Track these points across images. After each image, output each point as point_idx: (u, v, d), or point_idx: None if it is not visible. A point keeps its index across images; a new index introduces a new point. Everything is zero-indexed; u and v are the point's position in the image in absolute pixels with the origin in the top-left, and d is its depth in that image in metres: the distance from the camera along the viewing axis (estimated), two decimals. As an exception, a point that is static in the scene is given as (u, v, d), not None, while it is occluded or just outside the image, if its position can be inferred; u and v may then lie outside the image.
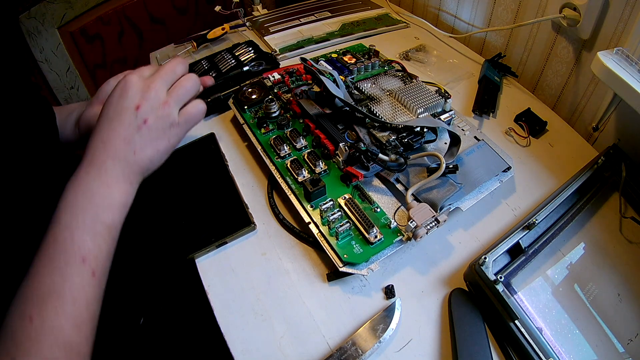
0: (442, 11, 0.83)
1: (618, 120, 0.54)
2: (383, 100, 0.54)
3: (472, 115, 0.60)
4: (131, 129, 0.36)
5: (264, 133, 0.52)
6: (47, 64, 0.95)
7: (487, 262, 0.38)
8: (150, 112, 0.37)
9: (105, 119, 0.36)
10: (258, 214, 0.48)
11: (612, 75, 0.45)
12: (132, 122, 0.36)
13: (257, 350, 0.37)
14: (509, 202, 0.50)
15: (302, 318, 0.39)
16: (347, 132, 0.50)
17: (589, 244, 0.45)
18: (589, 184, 0.48)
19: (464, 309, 0.39)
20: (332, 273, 0.42)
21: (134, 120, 0.36)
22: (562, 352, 0.36)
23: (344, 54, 0.69)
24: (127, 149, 0.36)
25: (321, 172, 0.47)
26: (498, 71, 0.67)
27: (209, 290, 0.41)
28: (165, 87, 0.38)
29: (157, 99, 0.37)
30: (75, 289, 0.30)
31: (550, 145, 0.57)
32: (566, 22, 0.56)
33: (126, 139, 0.36)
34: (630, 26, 0.48)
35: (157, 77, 0.38)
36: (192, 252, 0.43)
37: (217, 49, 0.76)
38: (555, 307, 0.40)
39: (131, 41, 1.07)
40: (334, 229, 0.41)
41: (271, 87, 0.59)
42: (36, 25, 0.90)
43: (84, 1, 0.96)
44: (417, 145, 0.48)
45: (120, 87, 0.37)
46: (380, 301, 0.40)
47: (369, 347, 0.36)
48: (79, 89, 1.04)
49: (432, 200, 0.44)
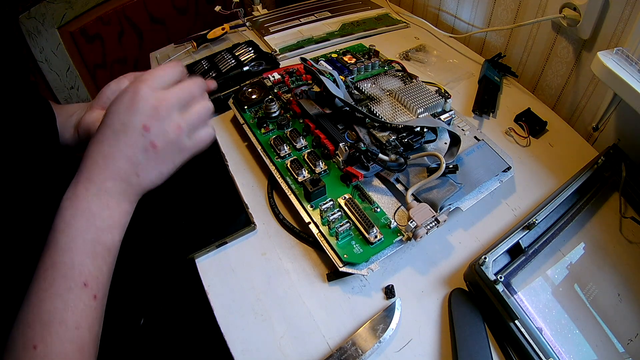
0: (442, 11, 0.83)
1: (618, 120, 0.54)
2: (383, 100, 0.54)
3: (472, 115, 0.60)
4: (137, 149, 0.33)
5: (264, 133, 0.52)
6: (47, 64, 0.95)
7: (487, 262, 0.38)
8: (160, 135, 0.33)
9: (109, 130, 0.33)
10: (258, 214, 0.48)
11: (612, 75, 0.45)
12: (138, 143, 0.33)
13: (257, 350, 0.37)
14: (509, 202, 0.50)
15: (302, 318, 0.39)
16: (347, 132, 0.50)
17: (589, 244, 0.45)
18: (589, 184, 0.48)
19: (464, 309, 0.39)
20: (332, 273, 0.42)
21: (140, 140, 0.33)
22: (562, 352, 0.36)
23: (344, 54, 0.69)
24: (130, 170, 0.33)
25: (321, 172, 0.47)
26: (498, 71, 0.67)
27: (209, 290, 0.41)
28: (179, 109, 0.34)
29: (170, 122, 0.34)
30: (77, 314, 0.29)
31: (550, 145, 0.57)
32: (566, 22, 0.56)
33: (130, 160, 0.33)
34: (630, 26, 0.48)
35: (173, 96, 0.34)
36: (192, 252, 0.43)
37: (217, 49, 0.76)
38: (555, 307, 0.40)
39: (131, 41, 1.07)
40: (334, 229, 0.41)
41: (271, 87, 0.59)
42: (36, 25, 0.90)
43: (84, 1, 0.96)
44: (417, 145, 0.48)
45: (129, 98, 0.33)
46: (380, 301, 0.40)
47: (369, 347, 0.36)
48: (79, 89, 1.04)
49: (432, 200, 0.44)
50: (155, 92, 0.33)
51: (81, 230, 0.31)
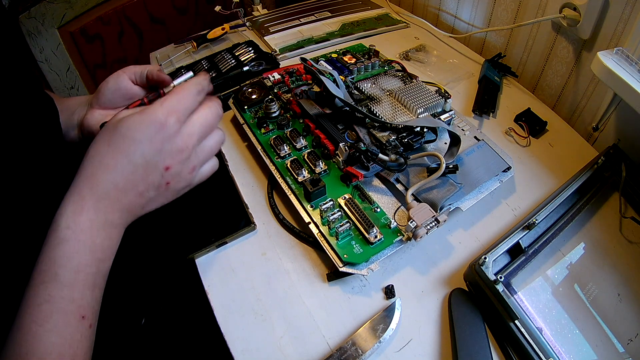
0: (442, 11, 0.83)
1: (618, 120, 0.54)
2: (383, 100, 0.54)
3: (472, 115, 0.60)
4: (151, 187, 0.32)
5: (264, 133, 0.52)
6: (47, 64, 0.95)
7: (487, 262, 0.38)
8: (176, 175, 0.32)
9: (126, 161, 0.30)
10: (258, 214, 0.48)
11: (612, 75, 0.45)
12: (155, 181, 0.32)
13: (257, 350, 0.37)
14: (509, 202, 0.50)
15: (302, 318, 0.39)
16: (347, 132, 0.50)
17: (589, 244, 0.45)
18: (589, 184, 0.48)
19: (464, 309, 0.39)
20: (332, 273, 0.42)
21: (158, 179, 0.32)
22: (562, 352, 0.36)
23: (344, 54, 0.69)
24: (139, 204, 0.32)
25: (321, 172, 0.47)
26: (498, 71, 0.67)
27: (209, 290, 0.41)
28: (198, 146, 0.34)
29: (188, 164, 0.33)
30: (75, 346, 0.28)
31: (550, 145, 0.57)
32: (566, 22, 0.56)
33: (142, 195, 0.32)
34: (630, 26, 0.48)
35: (196, 134, 0.33)
36: (192, 252, 0.43)
37: (217, 49, 0.76)
38: (555, 307, 0.40)
39: (131, 41, 1.07)
40: (334, 229, 0.41)
41: (271, 87, 0.59)
42: (36, 25, 0.90)
43: (84, 1, 0.96)
44: (417, 145, 0.48)
45: (155, 131, 0.30)
46: (380, 301, 0.40)
47: (369, 347, 0.36)
48: (79, 89, 1.04)
49: (432, 200, 0.44)
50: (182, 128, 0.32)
51: (84, 265, 0.29)
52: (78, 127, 0.45)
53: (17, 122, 0.38)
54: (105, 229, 0.31)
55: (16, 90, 0.40)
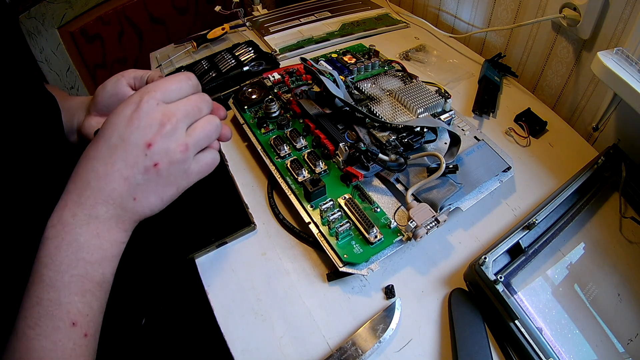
0: (442, 11, 0.83)
1: (618, 120, 0.54)
2: (383, 100, 0.54)
3: (472, 115, 0.60)
4: (136, 169, 0.29)
5: (264, 133, 0.52)
6: (47, 64, 0.95)
7: (487, 262, 0.38)
8: (163, 154, 0.30)
9: (105, 145, 0.29)
10: (258, 214, 0.48)
11: (612, 75, 0.45)
12: (138, 162, 0.29)
13: (257, 350, 0.37)
14: (509, 202, 0.50)
15: (302, 318, 0.39)
16: (347, 132, 0.50)
17: (589, 244, 0.45)
18: (589, 184, 0.48)
19: (464, 309, 0.39)
20: (332, 273, 0.42)
21: (141, 159, 0.29)
22: (562, 352, 0.36)
23: (344, 54, 0.69)
24: (127, 193, 0.30)
25: (321, 172, 0.47)
26: (498, 71, 0.67)
27: (209, 290, 0.41)
28: (186, 126, 0.31)
29: (175, 140, 0.30)
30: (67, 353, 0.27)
31: (550, 145, 0.57)
32: (566, 22, 0.56)
33: (128, 180, 0.29)
34: (630, 26, 0.48)
35: (180, 111, 0.30)
36: (192, 252, 0.43)
37: (217, 49, 0.76)
38: (555, 307, 0.40)
39: (131, 41, 1.07)
40: (334, 229, 0.41)
41: (271, 87, 0.59)
42: (36, 25, 0.90)
43: (84, 1, 0.96)
44: (417, 145, 0.48)
45: (132, 110, 0.29)
46: (380, 301, 0.40)
47: (369, 347, 0.36)
48: (79, 89, 1.04)
49: (432, 200, 0.44)
50: (161, 105, 0.30)
51: (67, 265, 0.27)
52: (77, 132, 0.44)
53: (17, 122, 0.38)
54: (89, 224, 0.29)
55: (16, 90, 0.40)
